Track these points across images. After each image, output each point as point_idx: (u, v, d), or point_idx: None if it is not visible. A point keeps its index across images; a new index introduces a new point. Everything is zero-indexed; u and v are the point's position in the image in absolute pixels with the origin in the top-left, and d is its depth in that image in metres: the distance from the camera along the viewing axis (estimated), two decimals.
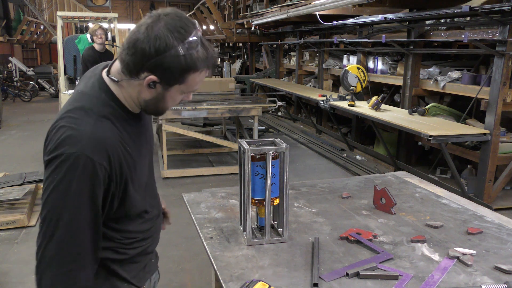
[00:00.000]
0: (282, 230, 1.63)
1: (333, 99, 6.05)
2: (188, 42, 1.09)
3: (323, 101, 6.07)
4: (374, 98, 5.23)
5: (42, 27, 16.98)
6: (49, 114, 9.85)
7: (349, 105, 5.56)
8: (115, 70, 1.19)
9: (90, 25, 6.74)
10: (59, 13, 7.03)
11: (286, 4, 7.23)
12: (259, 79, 9.98)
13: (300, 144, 7.24)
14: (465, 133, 4.16)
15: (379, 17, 5.35)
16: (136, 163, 1.22)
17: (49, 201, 1.08)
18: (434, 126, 4.32)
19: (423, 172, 5.03)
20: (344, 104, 5.67)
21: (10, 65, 13.87)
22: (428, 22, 5.15)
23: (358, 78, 5.80)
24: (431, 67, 5.35)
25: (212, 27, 13.42)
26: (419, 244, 1.61)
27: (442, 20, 4.99)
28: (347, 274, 1.38)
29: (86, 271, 1.13)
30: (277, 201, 1.62)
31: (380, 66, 6.24)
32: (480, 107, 4.27)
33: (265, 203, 1.57)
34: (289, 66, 9.91)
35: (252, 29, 9.30)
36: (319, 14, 6.07)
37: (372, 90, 6.13)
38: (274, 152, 1.54)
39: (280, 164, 1.58)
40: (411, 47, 5.20)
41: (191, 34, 1.10)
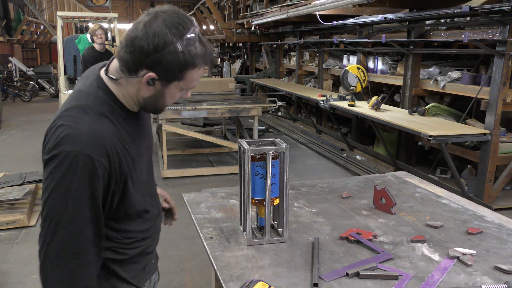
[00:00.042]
0: (282, 230, 1.63)
1: (333, 99, 6.05)
2: (186, 39, 1.09)
3: (323, 101, 6.07)
4: (374, 98, 5.23)
5: (42, 27, 16.98)
6: (49, 114, 9.84)
7: (349, 105, 5.56)
8: (113, 69, 1.19)
9: (90, 25, 6.74)
10: (59, 13, 7.03)
11: (286, 4, 7.23)
12: (259, 79, 9.97)
13: (300, 144, 7.24)
14: (465, 133, 4.16)
15: (379, 17, 5.35)
16: (135, 161, 1.22)
17: (49, 200, 1.08)
18: (434, 126, 4.32)
19: (423, 172, 5.03)
20: (344, 104, 5.67)
21: (10, 65, 13.87)
22: (428, 22, 5.15)
23: (358, 78, 5.80)
24: (431, 67, 5.35)
25: (212, 27, 13.42)
26: (419, 244, 1.61)
27: (442, 20, 4.98)
28: (347, 274, 1.38)
29: (90, 269, 1.13)
30: (277, 201, 1.62)
31: (380, 66, 6.24)
32: (480, 107, 4.27)
33: (265, 203, 1.57)
34: (289, 66, 9.91)
35: (252, 29, 9.30)
36: (319, 14, 6.07)
37: (372, 90, 6.13)
38: (274, 152, 1.54)
39: (280, 164, 1.58)
40: (411, 47, 5.20)
41: (189, 31, 1.10)
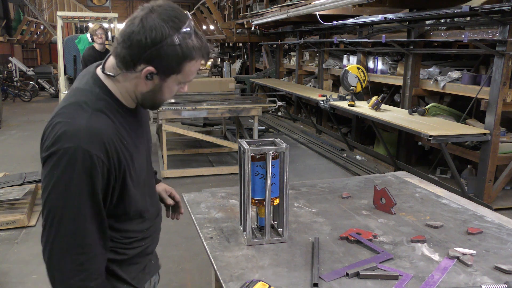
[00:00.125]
0: (282, 230, 1.63)
1: (333, 99, 6.04)
2: (183, 32, 1.10)
3: (323, 101, 6.07)
4: (374, 98, 5.23)
5: (42, 27, 16.97)
6: (49, 114, 9.57)
7: (349, 105, 5.56)
8: (110, 66, 1.20)
9: (90, 25, 6.75)
10: (59, 13, 7.03)
11: (286, 4, 7.23)
12: (259, 79, 9.97)
13: (300, 144, 7.24)
14: (465, 133, 4.16)
15: (379, 17, 5.35)
16: (133, 158, 1.22)
17: (50, 198, 1.08)
18: (434, 126, 4.32)
19: (423, 172, 5.03)
20: (344, 104, 5.67)
21: (10, 65, 13.88)
22: (428, 22, 5.15)
23: (358, 78, 5.80)
24: (431, 67, 5.35)
25: (212, 27, 13.42)
26: (419, 244, 1.61)
27: (442, 20, 4.98)
28: (347, 274, 1.38)
29: (97, 262, 1.14)
30: (277, 201, 1.62)
31: (380, 66, 6.24)
32: (480, 107, 4.27)
33: (265, 203, 1.57)
34: (289, 66, 9.90)
35: (252, 29, 9.30)
36: (319, 14, 6.07)
37: (372, 90, 6.13)
38: (274, 152, 1.54)
39: (280, 164, 1.58)
40: (411, 47, 5.20)
41: (185, 24, 1.11)
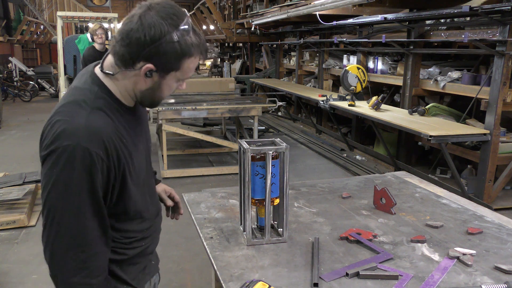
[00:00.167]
0: (282, 230, 1.63)
1: (333, 99, 6.04)
2: (181, 28, 1.10)
3: (323, 101, 6.07)
4: (374, 98, 5.23)
5: (42, 27, 16.98)
6: (49, 114, 9.72)
7: (349, 105, 5.55)
8: (108, 64, 1.20)
9: (90, 25, 6.75)
10: (59, 13, 7.04)
11: (286, 4, 7.23)
12: (259, 79, 9.97)
13: (300, 144, 7.24)
14: (465, 133, 4.16)
15: (379, 17, 5.35)
16: (133, 156, 1.21)
17: (50, 197, 1.08)
18: (434, 126, 4.32)
19: (423, 172, 5.03)
20: (344, 104, 5.66)
21: (10, 65, 13.88)
22: (428, 22, 5.15)
23: (358, 78, 5.80)
24: (431, 67, 5.35)
25: (212, 27, 13.42)
26: (419, 244, 1.61)
27: (442, 20, 4.98)
28: (347, 274, 1.38)
29: (100, 259, 1.14)
30: (277, 201, 1.62)
31: (380, 66, 6.24)
32: (480, 107, 4.27)
33: (265, 203, 1.57)
34: (289, 66, 9.90)
35: (252, 29, 9.30)
36: (319, 14, 6.07)
37: (372, 90, 6.13)
38: (274, 152, 1.54)
39: (280, 164, 1.58)
40: (411, 47, 5.20)
41: (183, 21, 1.11)
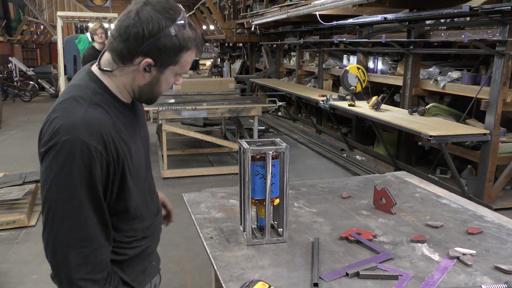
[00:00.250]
0: (282, 230, 1.63)
1: (333, 99, 6.04)
2: (178, 22, 1.11)
3: (323, 101, 6.07)
4: (374, 98, 5.23)
5: (42, 27, 16.98)
6: None
7: (349, 105, 5.55)
8: (106, 61, 1.20)
9: (90, 25, 6.75)
10: (59, 13, 7.04)
11: (286, 4, 7.23)
12: (259, 79, 9.97)
13: (300, 144, 7.24)
14: (465, 133, 4.16)
15: (379, 17, 5.35)
16: (131, 152, 1.22)
17: (50, 193, 1.09)
18: (434, 126, 4.32)
19: (423, 172, 5.03)
20: (344, 104, 5.66)
21: (10, 65, 13.87)
22: (428, 22, 5.15)
23: (358, 78, 5.80)
24: (431, 67, 5.35)
25: (212, 27, 13.42)
26: (419, 244, 1.61)
27: (442, 20, 4.98)
28: (347, 274, 1.38)
29: (102, 253, 1.14)
30: (277, 201, 1.62)
31: (380, 66, 6.23)
32: (480, 107, 4.27)
33: (265, 203, 1.57)
34: (289, 66, 9.90)
35: (252, 29, 9.29)
36: (319, 14, 6.07)
37: (372, 90, 6.13)
38: (274, 152, 1.54)
39: (280, 164, 1.58)
40: (411, 47, 5.20)
41: (180, 15, 1.13)
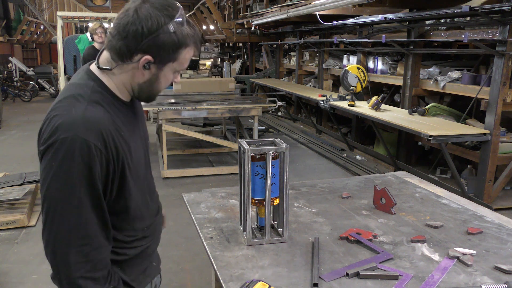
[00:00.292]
0: (282, 230, 1.63)
1: (333, 99, 6.04)
2: (177, 19, 1.12)
3: (323, 101, 6.07)
4: (374, 98, 5.23)
5: (42, 27, 16.98)
6: None
7: (349, 105, 5.55)
8: (104, 60, 1.20)
9: (90, 25, 6.75)
10: (59, 13, 7.04)
11: (286, 4, 7.23)
12: (259, 79, 9.97)
13: (300, 144, 7.24)
14: (465, 133, 4.16)
15: (379, 17, 5.35)
16: (131, 150, 1.21)
17: (49, 191, 1.08)
18: (434, 126, 4.32)
19: (423, 172, 5.02)
20: (344, 104, 5.66)
21: (10, 65, 13.87)
22: (428, 22, 5.15)
23: (358, 78, 5.80)
24: (431, 67, 5.35)
25: (212, 27, 13.42)
26: (419, 244, 1.61)
27: (442, 20, 4.98)
28: (347, 274, 1.38)
29: (102, 252, 1.14)
30: (277, 201, 1.62)
31: (380, 66, 6.23)
32: (480, 107, 4.27)
33: (265, 203, 1.57)
34: (289, 66, 9.90)
35: (252, 29, 9.29)
36: (319, 14, 6.07)
37: (372, 90, 6.13)
38: (274, 152, 1.54)
39: (280, 164, 1.58)
40: (411, 47, 5.20)
41: (178, 12, 1.13)
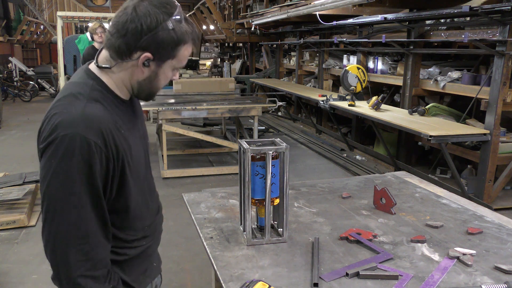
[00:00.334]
0: (282, 230, 1.63)
1: (333, 99, 6.04)
2: (175, 16, 1.13)
3: (323, 101, 6.07)
4: (374, 98, 5.23)
5: (42, 27, 16.98)
6: None
7: (349, 105, 5.55)
8: (103, 59, 1.21)
9: (90, 25, 6.75)
10: (59, 13, 7.05)
11: (286, 4, 7.23)
12: (259, 79, 9.97)
13: (300, 144, 7.24)
14: (465, 133, 4.16)
15: (379, 17, 5.35)
16: (131, 149, 1.21)
17: (50, 188, 1.08)
18: (434, 126, 4.32)
19: (423, 172, 5.02)
20: (344, 104, 5.66)
21: (10, 65, 13.87)
22: (428, 22, 5.15)
23: (358, 78, 5.80)
24: (431, 67, 5.35)
25: (212, 27, 13.42)
26: (419, 244, 1.61)
27: (442, 20, 4.98)
28: (347, 274, 1.38)
29: (101, 251, 1.14)
30: (277, 201, 1.62)
31: (380, 66, 6.23)
32: (480, 107, 4.27)
33: (265, 203, 1.57)
34: (289, 66, 9.90)
35: (252, 29, 9.29)
36: (319, 14, 6.07)
37: (372, 90, 6.13)
38: (274, 152, 1.54)
39: (280, 164, 1.58)
40: (411, 47, 5.20)
41: (176, 9, 1.14)
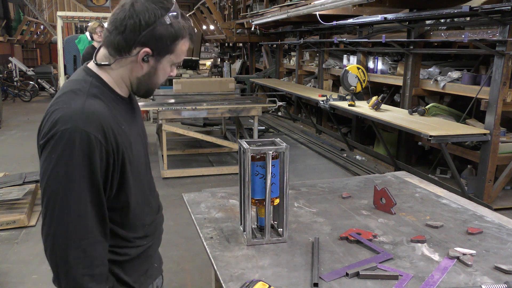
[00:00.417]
0: (282, 230, 1.63)
1: (333, 99, 6.04)
2: (172, 12, 1.15)
3: (323, 101, 6.07)
4: (374, 98, 5.23)
5: (42, 27, 16.98)
6: None
7: (349, 105, 5.55)
8: (102, 57, 1.22)
9: (90, 24, 6.75)
10: (59, 13, 7.05)
11: (286, 4, 7.23)
12: (259, 79, 9.97)
13: (300, 144, 7.24)
14: (465, 133, 4.16)
15: (379, 17, 5.35)
16: (132, 145, 1.21)
17: (50, 183, 1.09)
18: (434, 126, 4.32)
19: (423, 172, 5.03)
20: (344, 104, 5.66)
21: (10, 65, 13.87)
22: (428, 22, 5.15)
23: (358, 78, 5.80)
24: (431, 67, 5.35)
25: (212, 27, 13.42)
26: (419, 244, 1.61)
27: (442, 20, 4.98)
28: (347, 274, 1.38)
29: (99, 248, 1.14)
30: (277, 201, 1.62)
31: (380, 66, 6.23)
32: (480, 107, 4.27)
33: (265, 203, 1.57)
34: (289, 66, 9.90)
35: (252, 29, 9.30)
36: (319, 14, 6.07)
37: (372, 90, 6.13)
38: (274, 152, 1.54)
39: (280, 164, 1.58)
40: (411, 47, 5.20)
41: (173, 4, 1.16)
